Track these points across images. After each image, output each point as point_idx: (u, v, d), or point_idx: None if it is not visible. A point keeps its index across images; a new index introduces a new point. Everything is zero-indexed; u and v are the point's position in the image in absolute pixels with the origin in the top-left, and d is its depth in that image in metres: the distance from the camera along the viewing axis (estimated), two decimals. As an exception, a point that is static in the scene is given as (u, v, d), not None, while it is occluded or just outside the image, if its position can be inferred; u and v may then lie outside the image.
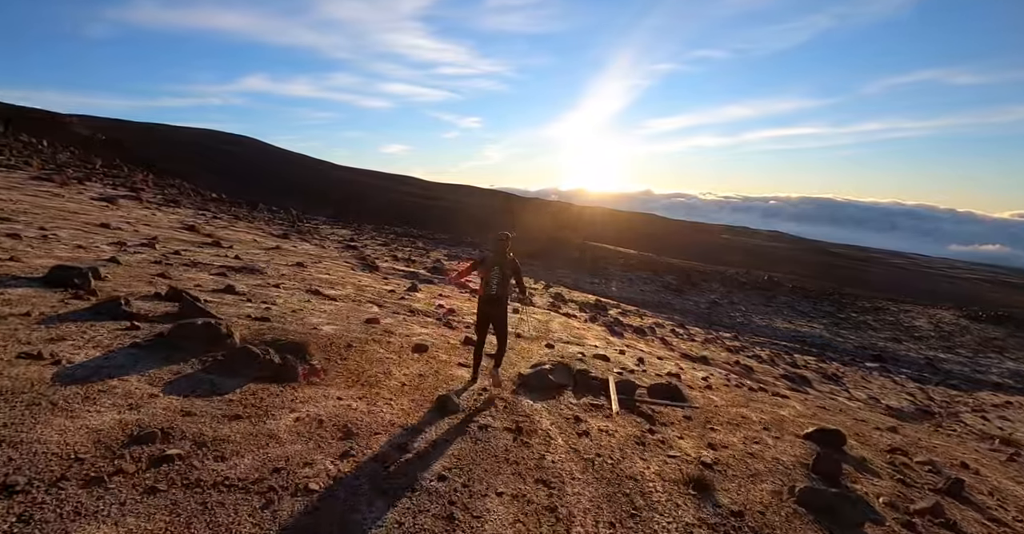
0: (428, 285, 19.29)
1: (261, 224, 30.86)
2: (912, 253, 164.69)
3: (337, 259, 20.70)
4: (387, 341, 8.28)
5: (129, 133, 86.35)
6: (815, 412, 10.86)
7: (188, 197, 36.39)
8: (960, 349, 43.90)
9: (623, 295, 43.05)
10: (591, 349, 12.67)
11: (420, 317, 11.69)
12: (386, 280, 17.07)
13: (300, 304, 9.54)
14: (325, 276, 13.96)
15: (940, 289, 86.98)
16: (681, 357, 17.60)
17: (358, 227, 46.41)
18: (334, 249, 25.80)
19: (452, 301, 15.41)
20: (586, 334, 15.79)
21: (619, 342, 16.29)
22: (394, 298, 13.37)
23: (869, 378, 24.41)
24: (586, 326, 18.12)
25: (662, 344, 19.92)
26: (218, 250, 14.50)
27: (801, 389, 16.95)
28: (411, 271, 22.74)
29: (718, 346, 23.74)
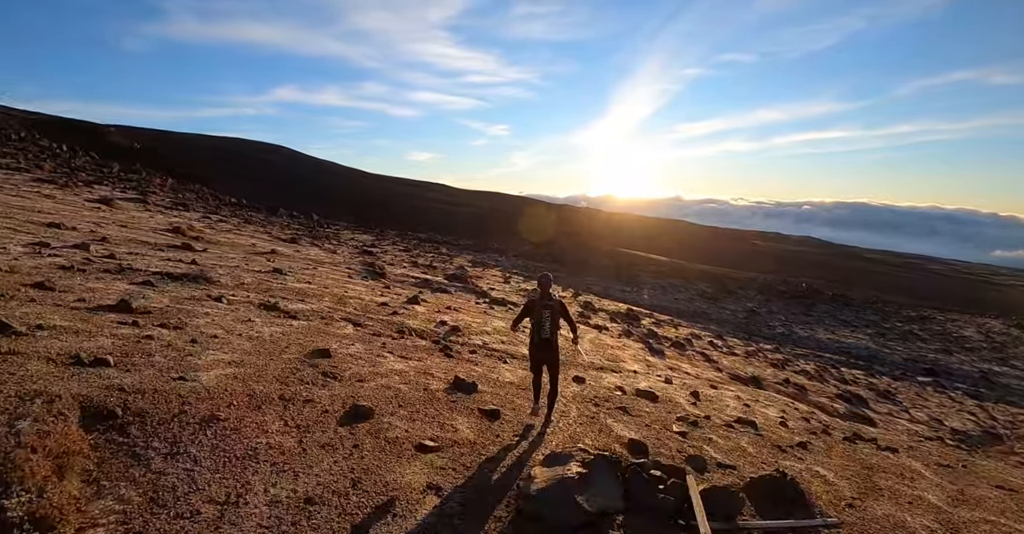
0: (440, 294, 16.78)
1: (274, 229, 28.75)
2: (951, 259, 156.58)
3: (339, 265, 18.21)
4: (306, 400, 5.57)
5: (166, 142, 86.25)
6: (962, 489, 7.73)
7: (204, 202, 34.70)
8: (1015, 361, 39.60)
9: (655, 303, 39.86)
10: (631, 378, 9.96)
11: (408, 340, 9.03)
12: (387, 289, 14.46)
13: (225, 327, 7.03)
14: (304, 285, 11.33)
15: (988, 297, 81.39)
16: (731, 380, 15.02)
17: (380, 233, 44.20)
18: (345, 255, 23.45)
19: (460, 316, 12.76)
20: (622, 355, 13.00)
21: (662, 365, 13.46)
22: (384, 313, 10.70)
23: (924, 395, 22.35)
24: (620, 343, 15.31)
25: (704, 361, 17.69)
26: (181, 254, 12.05)
27: (859, 410, 15.52)
28: (425, 278, 20.16)
29: (761, 360, 21.80)
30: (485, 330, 11.77)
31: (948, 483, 8.01)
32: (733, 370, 17.30)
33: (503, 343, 11.08)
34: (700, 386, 11.81)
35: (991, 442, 15.60)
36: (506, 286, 26.68)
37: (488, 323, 12.74)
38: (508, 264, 40.37)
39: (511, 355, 10.27)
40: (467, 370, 8.09)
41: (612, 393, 8.79)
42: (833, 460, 7.71)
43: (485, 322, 12.77)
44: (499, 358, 9.85)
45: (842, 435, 10.13)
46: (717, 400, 10.34)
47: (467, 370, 8.09)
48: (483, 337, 11.10)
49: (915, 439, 13.21)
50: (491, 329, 12.09)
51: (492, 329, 12.13)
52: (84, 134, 71.30)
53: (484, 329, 11.85)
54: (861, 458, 8.23)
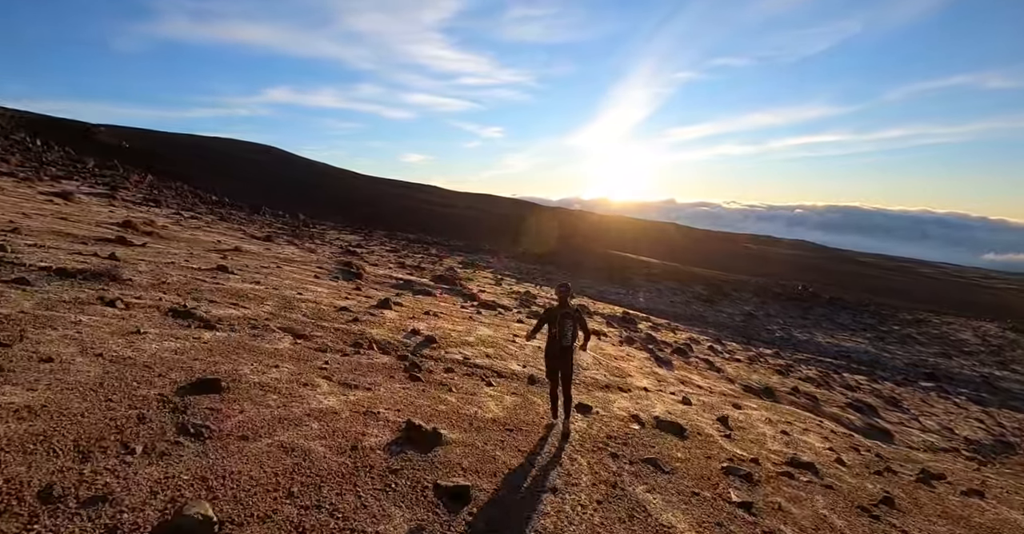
0: (422, 297, 14.91)
1: (251, 227, 26.74)
2: (942, 263, 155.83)
3: (309, 264, 16.20)
4: (88, 501, 3.10)
5: (156, 142, 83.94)
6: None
7: (182, 199, 32.68)
8: (1014, 365, 38.50)
9: (652, 307, 38.02)
10: (644, 401, 8.21)
11: (363, 356, 7.10)
12: (356, 291, 12.46)
13: (87, 343, 5.05)
14: (248, 286, 9.32)
15: (981, 300, 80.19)
16: (745, 393, 13.72)
17: (368, 233, 42.19)
18: (325, 254, 21.54)
19: (439, 323, 10.79)
20: (627, 367, 11.16)
21: (671, 378, 11.63)
22: (342, 320, 8.69)
23: (929, 401, 21.51)
24: (623, 352, 13.45)
25: (710, 369, 16.07)
26: (109, 248, 9.96)
27: (873, 420, 14.96)
28: (407, 280, 18.16)
29: (765, 367, 20.65)
30: (467, 340, 9.81)
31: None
32: (744, 380, 15.70)
33: (488, 357, 9.12)
34: (721, 405, 9.96)
35: (1005, 451, 15.35)
36: (497, 288, 24.84)
37: (472, 331, 10.86)
38: (500, 266, 38.44)
39: (498, 373, 8.30)
40: (432, 404, 6.17)
41: (628, 428, 6.90)
42: (936, 526, 5.74)
43: (469, 330, 10.86)
44: (482, 378, 7.95)
45: (911, 475, 8.37)
46: (749, 427, 8.49)
47: (432, 404, 6.17)
48: (464, 349, 9.17)
49: (937, 453, 12.70)
50: (475, 339, 10.16)
51: (477, 338, 10.21)
52: (73, 133, 69.07)
53: (466, 339, 9.88)
54: (958, 513, 6.39)
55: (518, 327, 13.20)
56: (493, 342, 10.28)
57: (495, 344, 10.15)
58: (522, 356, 9.76)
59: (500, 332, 11.58)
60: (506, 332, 11.83)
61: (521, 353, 10.03)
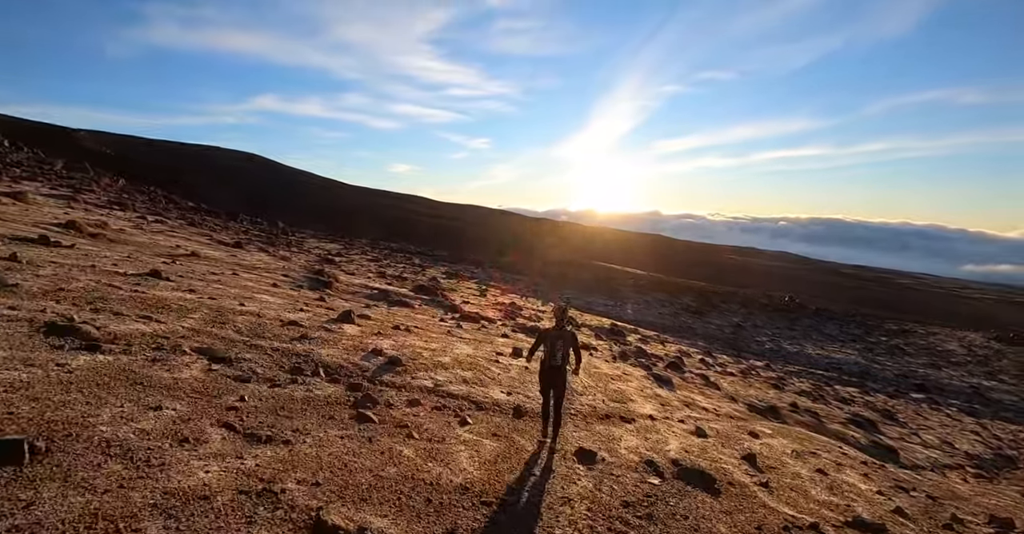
0: (396, 309, 13.47)
1: (222, 233, 25.02)
2: (922, 273, 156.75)
3: (273, 272, 14.65)
4: None
5: (140, 148, 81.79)
6: None
7: (154, 203, 30.89)
8: (1002, 375, 37.84)
9: (640, 318, 36.68)
10: (652, 434, 6.92)
11: (298, 387, 5.65)
12: (319, 302, 10.90)
13: None
14: (178, 294, 7.74)
15: (961, 310, 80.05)
16: (751, 413, 12.67)
17: (349, 242, 40.51)
18: (299, 262, 19.98)
19: (410, 340, 9.25)
20: (626, 389, 9.77)
21: (675, 400, 10.25)
22: (286, 337, 7.21)
23: (922, 413, 20.93)
24: (618, 370, 12.02)
25: (706, 385, 14.90)
26: (24, 248, 8.24)
27: (875, 436, 14.22)
28: (383, 290, 16.60)
29: (758, 380, 19.80)
30: (441, 361, 8.27)
31: None
32: (744, 397, 14.49)
33: (466, 382, 7.61)
34: (736, 434, 8.57)
35: (1006, 465, 15.05)
36: (482, 300, 23.34)
37: (449, 349, 9.39)
38: (485, 276, 36.88)
39: (477, 404, 6.80)
40: (378, 465, 4.41)
41: (646, 483, 5.38)
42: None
43: (445, 348, 9.37)
44: (456, 412, 6.47)
45: (981, 523, 6.86)
46: (780, 466, 7.11)
47: (378, 465, 4.41)
48: (436, 373, 7.67)
49: (945, 472, 12.09)
50: (451, 359, 8.66)
51: (453, 359, 8.71)
52: (54, 138, 66.96)
53: (440, 359, 8.34)
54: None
55: (503, 343, 11.74)
56: (473, 363, 8.78)
57: (475, 365, 8.66)
58: (507, 380, 8.32)
59: (482, 350, 10.15)
60: (489, 349, 10.42)
61: (505, 376, 8.61)
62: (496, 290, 29.71)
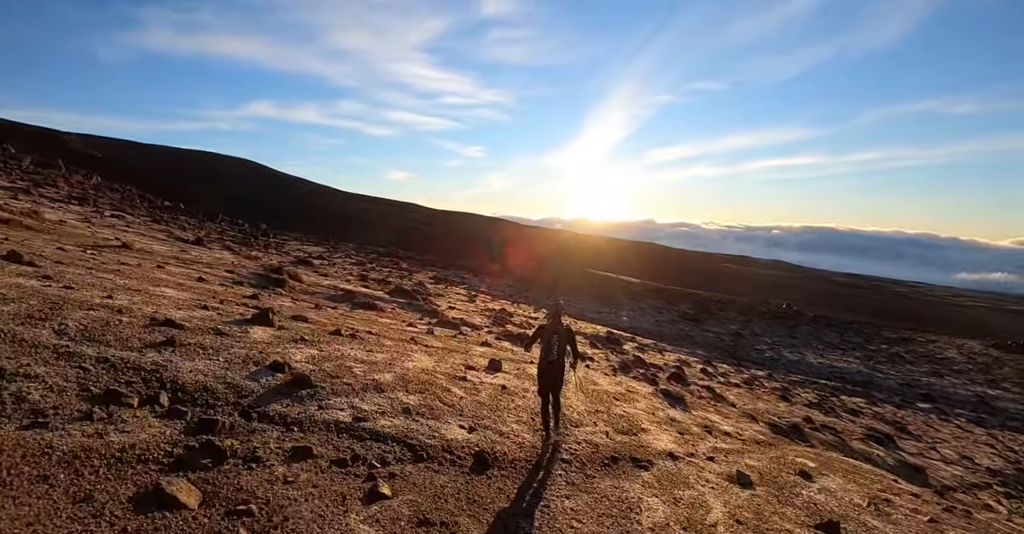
0: (362, 311, 12.46)
1: (187, 231, 23.62)
2: (914, 281, 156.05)
3: (216, 267, 13.19)
4: None
5: (132, 152, 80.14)
6: None
7: (126, 201, 29.89)
8: (1005, 383, 37.05)
9: (636, 326, 35.03)
10: (679, 484, 5.51)
11: (93, 426, 3.69)
12: (250, 300, 9.15)
13: None
14: (12, 280, 5.92)
15: (955, 318, 78.92)
16: (775, 434, 11.00)
17: (335, 245, 38.80)
18: (266, 261, 18.12)
19: (346, 349, 7.21)
20: (634, 411, 8.35)
21: (692, 423, 8.82)
22: (138, 344, 5.44)
23: (933, 425, 20.31)
24: (620, 385, 10.52)
25: (715, 399, 13.50)
26: None
27: (898, 454, 13.32)
28: (351, 291, 15.05)
29: (763, 391, 18.89)
30: (379, 380, 6.27)
31: None
32: (763, 415, 13.24)
33: (407, 412, 5.67)
34: (783, 475, 7.05)
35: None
36: (469, 305, 21.70)
37: (399, 362, 7.38)
38: (476, 282, 35.28)
39: (413, 449, 4.85)
40: None
41: None
42: None
43: (394, 360, 7.41)
44: (371, 467, 4.43)
45: None
46: (866, 531, 5.19)
47: None
48: (364, 399, 5.70)
49: (974, 492, 11.25)
50: (395, 376, 6.71)
51: (399, 376, 6.76)
52: (42, 140, 65.43)
53: (379, 376, 6.32)
54: None
55: (480, 353, 10.04)
56: (427, 381, 6.80)
57: (429, 385, 6.70)
58: (471, 407, 6.45)
59: (447, 362, 8.28)
60: (457, 361, 8.53)
61: (471, 401, 6.67)
62: (486, 296, 28.07)
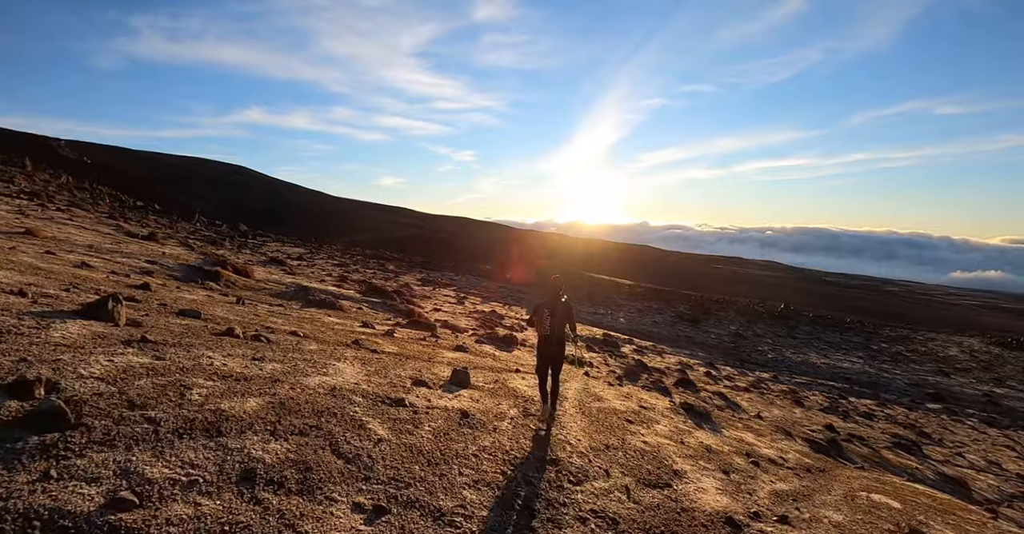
0: (314, 309, 11.31)
1: (144, 228, 22.00)
2: (906, 280, 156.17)
3: (136, 258, 11.55)
4: None
5: (124, 158, 78.88)
6: None
7: (92, 199, 28.28)
8: (1010, 381, 36.69)
9: (633, 328, 33.78)
10: None
11: None
12: (140, 292, 7.56)
13: None
14: None
15: (950, 316, 78.39)
16: (815, 452, 9.46)
17: (319, 247, 37.42)
18: (225, 259, 16.62)
19: (194, 354, 5.78)
20: (658, 442, 6.76)
21: (730, 449, 7.57)
22: None
23: (948, 426, 19.47)
24: (628, 398, 9.12)
25: (727, 406, 12.21)
26: None
27: (928, 463, 12.32)
28: (309, 287, 13.63)
29: (773, 395, 17.85)
30: (229, 410, 3.75)
31: None
32: (796, 428, 11.92)
33: (248, 486, 3.00)
34: None
35: None
36: (457, 307, 20.42)
37: (305, 375, 5.11)
38: (465, 284, 33.95)
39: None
40: None
41: None
42: None
43: (295, 372, 5.11)
44: None
45: None
46: None
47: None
48: (161, 452, 3.03)
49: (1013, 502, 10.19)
50: (276, 399, 4.25)
51: (282, 398, 4.29)
52: (32, 146, 64.28)
53: (234, 403, 3.90)
54: None
55: (450, 360, 8.13)
56: (326, 409, 4.33)
57: (328, 416, 4.22)
58: (391, 458, 3.93)
59: (385, 376, 6.00)
60: (405, 374, 6.34)
61: (394, 447, 4.11)
62: (477, 298, 26.84)
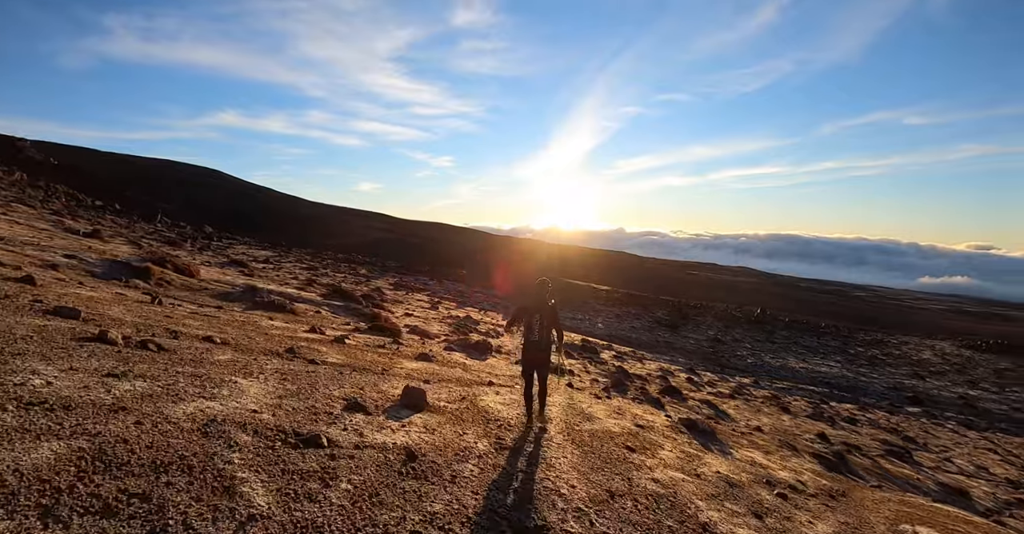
0: (261, 311, 10.18)
1: (90, 226, 20.80)
2: (876, 285, 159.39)
3: (50, 251, 10.31)
4: None
5: (92, 159, 76.12)
6: None
7: (45, 197, 26.79)
8: (983, 384, 37.28)
9: (612, 333, 33.17)
10: None
11: None
12: (22, 286, 6.58)
13: None
14: None
15: (919, 320, 79.82)
16: (829, 471, 8.65)
17: (289, 250, 36.05)
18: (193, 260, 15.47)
19: None
20: (670, 476, 5.48)
21: (748, 477, 6.71)
22: None
23: (929, 430, 19.49)
24: (619, 415, 8.15)
25: (717, 415, 11.80)
26: None
27: (920, 470, 11.97)
28: (257, 288, 12.37)
29: (757, 402, 17.45)
30: None
31: None
32: (799, 442, 11.34)
33: None
34: None
35: None
36: (430, 312, 19.50)
37: (173, 401, 3.80)
38: (440, 289, 32.95)
39: None
40: None
41: None
42: None
43: (164, 395, 3.85)
44: None
45: None
46: None
47: None
48: None
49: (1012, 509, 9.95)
50: (92, 440, 2.90)
51: (105, 440, 2.93)
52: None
53: None
54: None
55: (407, 372, 7.15)
56: (175, 459, 2.96)
57: (183, 469, 2.88)
58: None
59: (310, 396, 4.85)
60: (339, 392, 5.22)
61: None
62: (452, 303, 25.91)
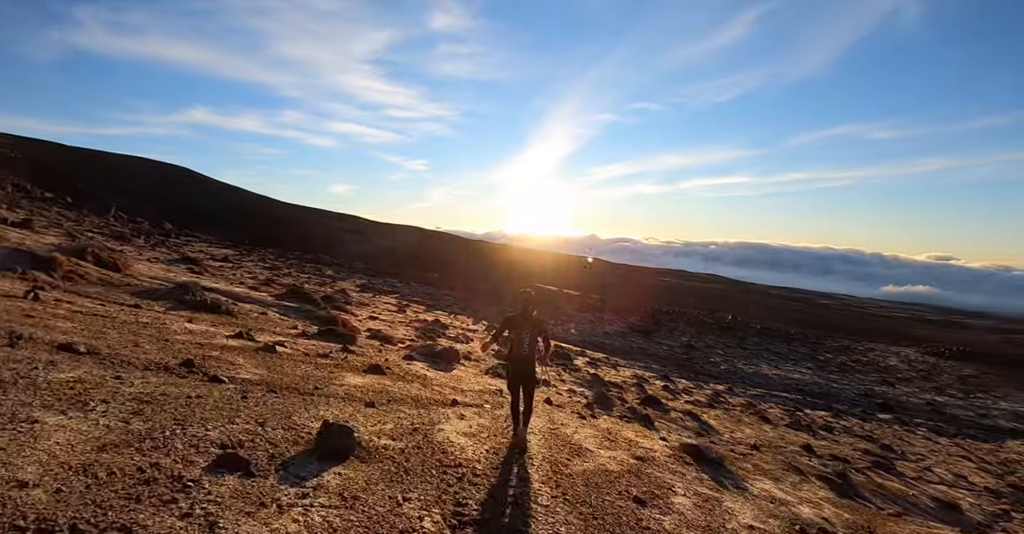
0: (188, 312, 9.00)
1: (25, 216, 19.11)
2: (841, 294, 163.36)
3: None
4: None
5: (58, 155, 72.42)
6: None
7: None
8: (949, 390, 38.18)
9: (585, 339, 32.51)
10: None
11: None
12: None
13: None
14: None
15: (882, 327, 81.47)
16: (834, 490, 8.13)
17: (249, 249, 34.68)
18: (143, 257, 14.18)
19: None
20: (692, 528, 4.49)
21: (776, 522, 5.40)
22: None
23: (902, 437, 19.39)
24: (611, 439, 7.20)
25: (700, 427, 11.27)
26: None
27: (909, 484, 11.32)
28: (193, 285, 11.10)
29: (736, 411, 16.97)
30: None
31: None
32: (801, 463, 10.66)
33: None
34: None
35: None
36: (397, 316, 18.53)
37: None
38: (408, 292, 31.85)
39: None
40: None
41: None
42: None
43: None
44: None
45: None
46: None
47: None
48: None
49: None
50: None
51: None
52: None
53: None
54: None
55: (347, 391, 6.22)
56: None
57: None
58: None
59: (137, 454, 3.27)
60: (184, 447, 3.54)
61: None
62: (420, 306, 24.89)
